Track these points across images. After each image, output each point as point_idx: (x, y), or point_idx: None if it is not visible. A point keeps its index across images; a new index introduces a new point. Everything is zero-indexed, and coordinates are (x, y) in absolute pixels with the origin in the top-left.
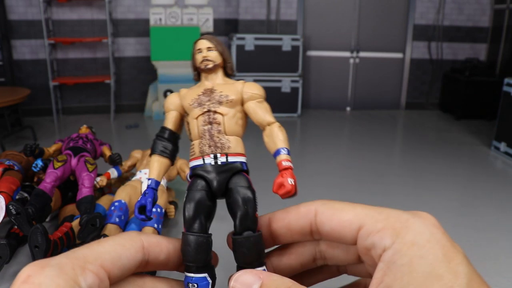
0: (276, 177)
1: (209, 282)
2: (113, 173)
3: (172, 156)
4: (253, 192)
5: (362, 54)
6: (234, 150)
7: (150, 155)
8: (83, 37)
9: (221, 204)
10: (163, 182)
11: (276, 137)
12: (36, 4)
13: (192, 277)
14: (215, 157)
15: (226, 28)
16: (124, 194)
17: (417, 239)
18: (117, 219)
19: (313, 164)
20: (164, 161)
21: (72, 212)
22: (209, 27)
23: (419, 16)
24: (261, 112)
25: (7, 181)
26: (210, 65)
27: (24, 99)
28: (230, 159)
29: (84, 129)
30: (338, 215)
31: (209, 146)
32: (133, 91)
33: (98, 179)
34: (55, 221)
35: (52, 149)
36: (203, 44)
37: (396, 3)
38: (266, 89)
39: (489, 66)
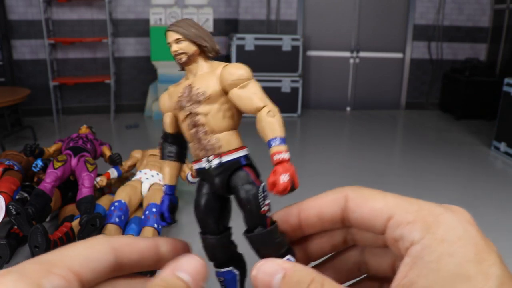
0: (269, 175)
1: (235, 274)
2: (113, 173)
3: (179, 158)
4: (256, 187)
5: (362, 54)
6: (227, 147)
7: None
8: (83, 37)
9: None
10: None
11: (266, 126)
12: (36, 4)
13: (217, 271)
14: (208, 161)
15: (226, 28)
16: (124, 194)
17: (448, 235)
18: (117, 219)
19: (313, 164)
20: (174, 164)
21: (72, 212)
22: (209, 27)
23: (419, 16)
24: (246, 99)
25: (7, 181)
26: (184, 59)
27: (24, 99)
28: (225, 158)
29: (84, 129)
30: (368, 203)
31: (200, 150)
32: (133, 91)
33: (98, 179)
34: (55, 221)
35: (52, 149)
36: (170, 36)
37: (396, 3)
38: (266, 89)
39: (489, 66)
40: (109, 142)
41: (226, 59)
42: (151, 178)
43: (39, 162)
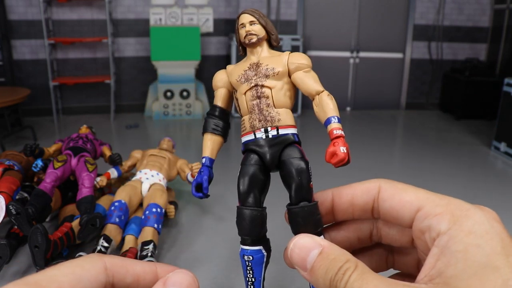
0: (328, 146)
1: (264, 255)
2: (113, 173)
3: (224, 133)
4: (306, 162)
5: (362, 54)
6: (284, 122)
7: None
8: (83, 37)
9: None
10: (163, 182)
11: (326, 105)
12: (36, 4)
13: (247, 249)
14: (266, 131)
15: (226, 28)
16: (124, 194)
17: (475, 228)
18: (117, 219)
19: (313, 164)
20: (217, 138)
21: (72, 212)
22: (209, 27)
23: (419, 16)
24: (309, 81)
25: (7, 181)
26: (254, 39)
27: (24, 99)
28: (281, 131)
29: (84, 129)
30: (400, 195)
31: (259, 121)
32: (133, 91)
33: (98, 179)
34: (55, 221)
35: (52, 149)
36: (246, 18)
37: (396, 3)
38: None
39: (489, 66)
40: (109, 142)
41: (226, 59)
42: (151, 178)
43: (39, 162)
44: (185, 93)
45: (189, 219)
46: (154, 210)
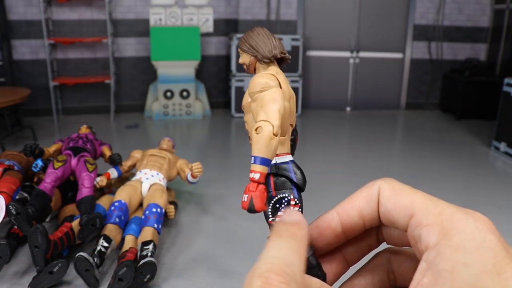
0: None
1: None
2: (113, 173)
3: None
4: (269, 196)
5: (362, 54)
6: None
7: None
8: (83, 37)
9: None
10: (163, 182)
11: (253, 142)
12: (36, 4)
13: None
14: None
15: (226, 28)
16: (124, 194)
17: (464, 243)
18: (117, 219)
19: (313, 163)
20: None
21: (72, 212)
22: (209, 27)
23: (419, 16)
24: (254, 114)
25: (7, 181)
26: (246, 70)
27: (24, 99)
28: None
29: (84, 129)
30: (395, 198)
31: None
32: (133, 91)
33: (98, 179)
34: (55, 221)
35: (52, 149)
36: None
37: (396, 3)
38: None
39: (489, 66)
40: (109, 142)
41: (226, 59)
42: (151, 178)
43: (39, 162)
44: (185, 93)
45: (189, 219)
46: (154, 210)
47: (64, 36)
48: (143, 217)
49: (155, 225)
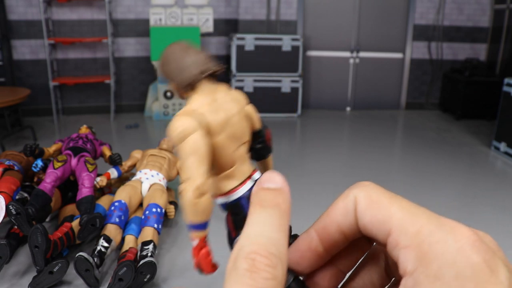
0: None
1: None
2: (113, 173)
3: None
4: (229, 237)
5: (362, 54)
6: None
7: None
8: (83, 37)
9: None
10: (163, 182)
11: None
12: (36, 4)
13: None
14: None
15: (226, 28)
16: (124, 194)
17: (443, 271)
18: (117, 219)
19: (313, 163)
20: None
21: (72, 212)
22: (209, 27)
23: (419, 16)
24: (182, 162)
25: (7, 181)
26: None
27: (24, 99)
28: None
29: (84, 129)
30: (371, 211)
31: None
32: (133, 91)
33: (98, 179)
34: (55, 221)
35: (52, 149)
36: None
37: (396, 3)
38: (266, 89)
39: (489, 66)
40: (109, 142)
41: (226, 59)
42: (151, 178)
43: (39, 162)
44: None
45: None
46: (154, 210)
47: (64, 36)
48: (143, 217)
49: (155, 225)
